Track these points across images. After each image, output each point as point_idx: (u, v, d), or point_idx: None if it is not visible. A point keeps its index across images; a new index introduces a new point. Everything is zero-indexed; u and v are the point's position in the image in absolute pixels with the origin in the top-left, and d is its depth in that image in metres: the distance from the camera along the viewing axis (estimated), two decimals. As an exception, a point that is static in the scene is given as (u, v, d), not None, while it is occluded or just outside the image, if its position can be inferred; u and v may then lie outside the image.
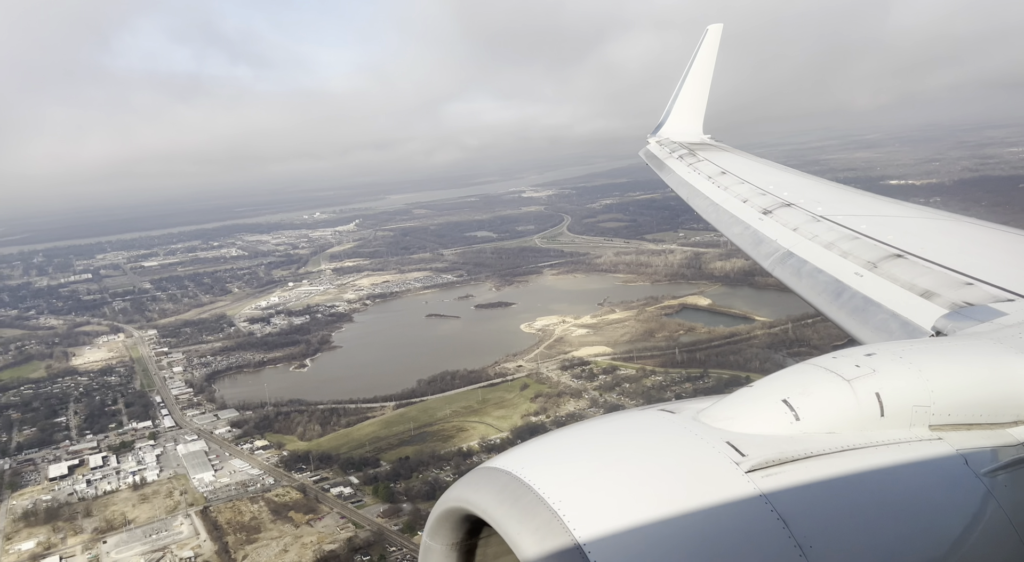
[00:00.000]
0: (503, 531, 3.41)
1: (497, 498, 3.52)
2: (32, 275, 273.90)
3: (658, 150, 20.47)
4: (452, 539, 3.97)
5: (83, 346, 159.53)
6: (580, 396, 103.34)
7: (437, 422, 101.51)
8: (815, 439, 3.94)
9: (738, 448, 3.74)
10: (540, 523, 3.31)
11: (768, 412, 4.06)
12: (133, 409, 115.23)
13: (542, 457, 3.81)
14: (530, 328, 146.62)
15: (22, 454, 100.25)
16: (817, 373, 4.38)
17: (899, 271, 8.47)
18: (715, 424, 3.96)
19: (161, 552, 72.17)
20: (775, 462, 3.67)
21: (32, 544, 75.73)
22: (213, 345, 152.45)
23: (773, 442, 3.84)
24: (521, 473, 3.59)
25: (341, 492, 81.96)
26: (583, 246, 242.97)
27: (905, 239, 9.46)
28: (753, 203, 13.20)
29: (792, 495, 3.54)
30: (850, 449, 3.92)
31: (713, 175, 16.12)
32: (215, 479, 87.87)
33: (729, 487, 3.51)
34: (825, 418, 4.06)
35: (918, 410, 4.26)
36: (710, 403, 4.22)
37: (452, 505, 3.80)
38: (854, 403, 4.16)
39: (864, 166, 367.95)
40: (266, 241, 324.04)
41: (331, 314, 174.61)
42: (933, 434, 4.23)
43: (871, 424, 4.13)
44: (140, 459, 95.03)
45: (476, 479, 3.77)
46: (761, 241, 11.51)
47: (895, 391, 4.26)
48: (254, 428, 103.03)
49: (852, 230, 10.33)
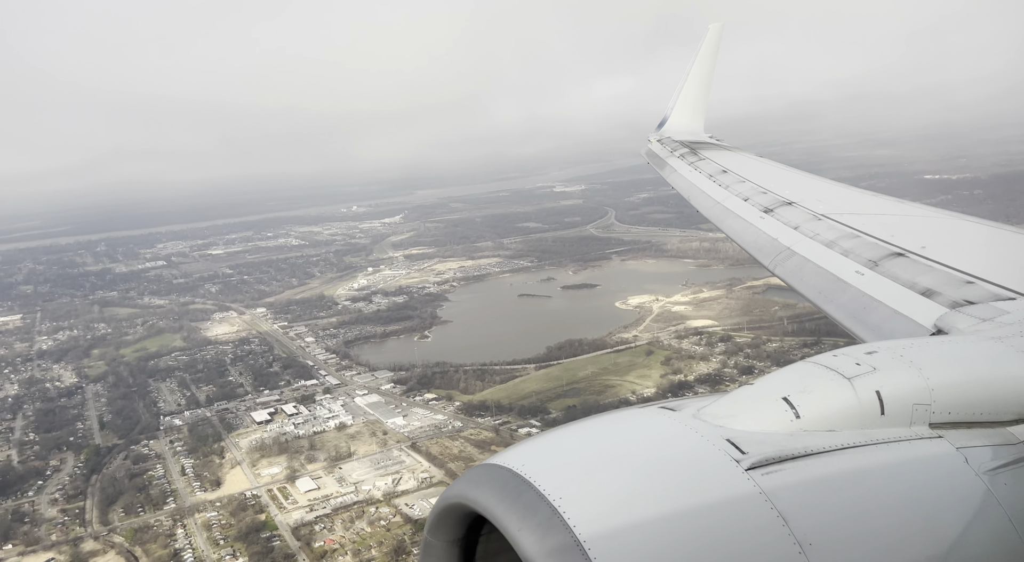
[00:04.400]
0: (504, 528, 3.44)
1: (498, 495, 3.56)
2: (105, 262, 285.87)
3: (659, 149, 20.63)
4: (453, 536, 4.01)
5: (202, 321, 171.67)
6: (708, 359, 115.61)
7: (582, 381, 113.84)
8: (815, 437, 3.97)
9: (738, 446, 3.78)
10: (541, 520, 3.35)
11: (768, 410, 4.12)
12: (292, 370, 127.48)
13: (543, 454, 3.87)
14: (625, 305, 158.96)
15: (214, 406, 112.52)
16: (817, 371, 4.46)
17: (900, 270, 8.50)
18: (715, 422, 4.01)
19: (397, 474, 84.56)
20: (775, 460, 3.71)
21: (278, 469, 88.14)
22: (328, 320, 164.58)
23: (773, 440, 3.88)
24: (522, 470, 3.63)
25: (529, 432, 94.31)
26: (641, 235, 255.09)
27: (906, 238, 9.50)
28: (754, 202, 13.30)
29: (792, 493, 3.58)
30: (850, 447, 3.95)
31: (714, 174, 16.27)
32: (407, 423, 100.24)
33: (729, 485, 3.55)
34: (825, 416, 4.11)
35: (918, 408, 4.29)
36: (710, 401, 4.27)
37: (453, 502, 3.84)
38: (854, 401, 4.20)
39: (890, 162, 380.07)
40: (319, 232, 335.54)
41: (425, 294, 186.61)
42: (933, 432, 4.25)
43: (871, 422, 4.16)
44: (328, 408, 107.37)
45: (477, 476, 3.80)
46: (762, 240, 11.59)
47: (895, 389, 4.31)
48: (417, 384, 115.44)
49: (853, 229, 10.38)
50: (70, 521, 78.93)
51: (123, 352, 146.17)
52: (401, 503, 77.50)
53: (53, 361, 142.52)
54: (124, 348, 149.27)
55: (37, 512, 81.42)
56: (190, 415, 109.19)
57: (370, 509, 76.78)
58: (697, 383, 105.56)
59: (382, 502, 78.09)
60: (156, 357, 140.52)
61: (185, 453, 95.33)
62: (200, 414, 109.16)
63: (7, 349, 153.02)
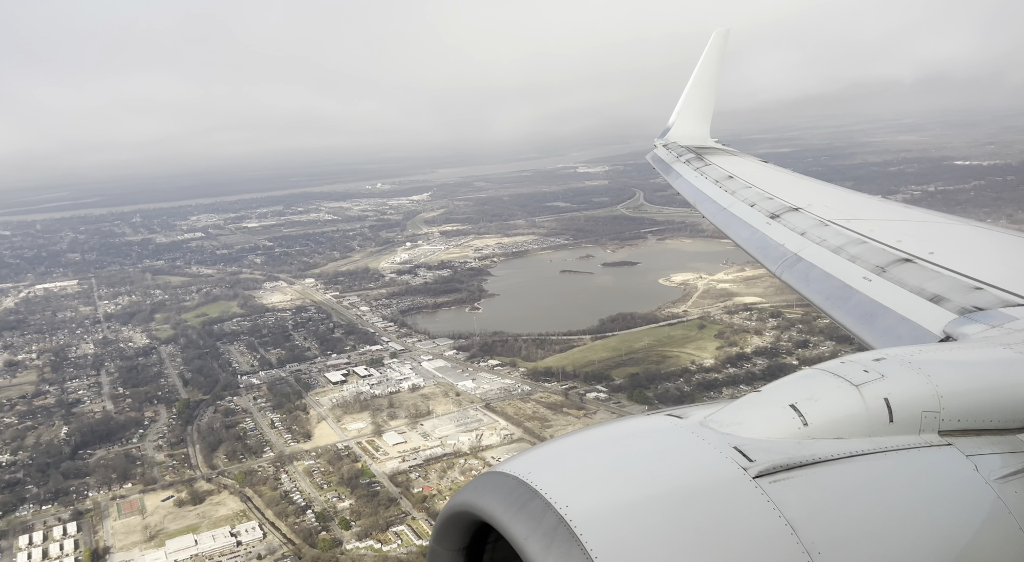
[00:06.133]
0: (510, 536, 3.43)
1: (504, 503, 3.55)
2: (144, 232, 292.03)
3: (665, 154, 20.59)
4: (459, 544, 4.01)
5: (255, 290, 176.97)
6: (761, 334, 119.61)
7: (639, 351, 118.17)
8: (823, 445, 3.94)
9: (746, 453, 3.75)
10: (547, 528, 3.33)
11: (776, 417, 4.09)
12: (355, 336, 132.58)
13: (549, 462, 3.85)
14: (669, 282, 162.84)
15: (286, 367, 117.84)
16: (825, 378, 4.43)
17: (907, 276, 8.48)
18: (722, 429, 3.98)
19: (477, 431, 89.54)
20: (783, 467, 3.68)
21: (362, 424, 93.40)
22: (378, 291, 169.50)
23: (781, 447, 3.85)
24: (528, 478, 3.62)
25: (597, 397, 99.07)
26: (673, 215, 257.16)
27: (913, 243, 9.48)
28: (760, 207, 13.28)
29: (800, 501, 3.55)
30: (858, 455, 3.92)
31: (720, 179, 16.24)
32: (476, 386, 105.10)
33: (736, 493, 3.53)
34: (833, 423, 4.08)
35: (927, 416, 4.26)
36: (717, 408, 4.24)
37: (459, 509, 3.84)
38: (863, 408, 4.18)
39: (917, 148, 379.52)
40: (348, 207, 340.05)
41: (468, 269, 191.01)
42: (942, 440, 4.22)
43: (880, 430, 4.13)
44: (399, 371, 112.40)
45: (483, 484, 3.79)
46: (769, 246, 11.58)
47: (904, 396, 4.29)
48: (479, 351, 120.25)
49: (860, 234, 10.35)
50: (178, 464, 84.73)
51: (185, 317, 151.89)
52: (487, 456, 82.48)
53: (120, 323, 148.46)
54: (185, 313, 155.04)
55: (146, 456, 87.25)
56: (265, 375, 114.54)
57: (459, 460, 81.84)
58: (755, 355, 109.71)
59: (469, 454, 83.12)
60: (218, 322, 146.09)
61: (270, 408, 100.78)
62: (275, 374, 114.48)
63: (74, 312, 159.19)
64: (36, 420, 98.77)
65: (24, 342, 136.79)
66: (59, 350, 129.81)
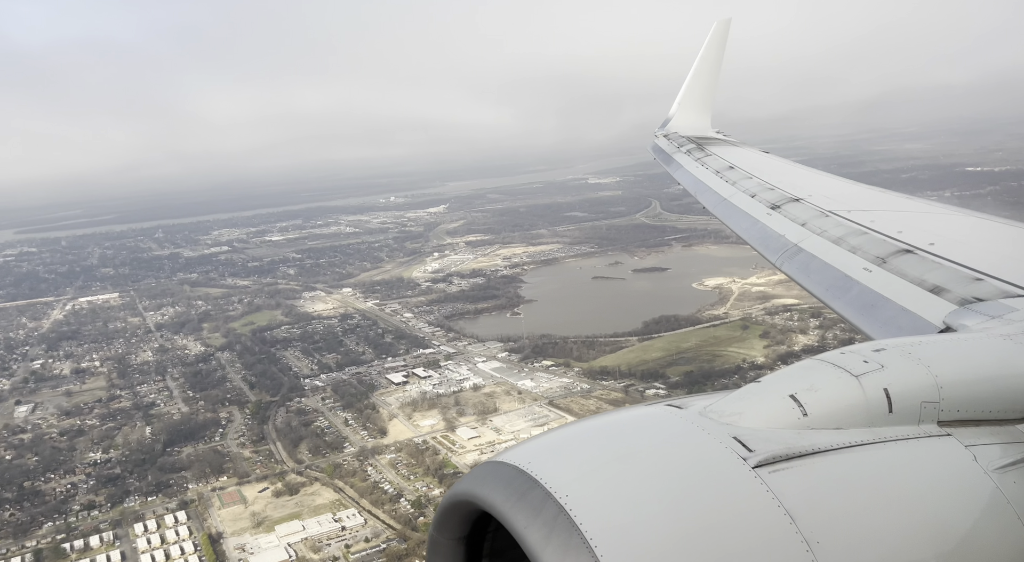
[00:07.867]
0: (510, 525, 3.46)
1: (504, 492, 3.58)
2: (170, 247, 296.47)
3: (666, 144, 20.52)
4: (459, 533, 4.04)
5: (295, 300, 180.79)
6: (806, 332, 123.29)
7: (688, 351, 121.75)
8: (822, 435, 3.97)
9: (745, 443, 3.79)
10: (548, 518, 3.37)
11: (775, 408, 4.12)
12: (405, 341, 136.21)
13: (549, 452, 3.86)
14: (703, 287, 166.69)
15: (345, 370, 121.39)
16: (825, 369, 4.45)
17: (908, 266, 8.45)
18: (722, 419, 4.01)
19: (547, 425, 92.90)
20: (782, 457, 3.70)
21: (434, 421, 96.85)
22: (417, 299, 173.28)
23: (780, 437, 3.88)
24: (528, 467, 3.65)
25: (656, 393, 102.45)
26: (694, 223, 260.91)
27: (914, 234, 9.44)
28: (761, 198, 13.26)
29: (799, 491, 3.57)
30: (858, 445, 3.95)
31: (721, 170, 16.25)
32: (536, 384, 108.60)
33: (736, 482, 3.55)
34: (833, 414, 4.11)
35: (927, 406, 4.29)
36: (717, 398, 4.24)
37: (459, 499, 3.86)
38: (862, 399, 4.20)
39: (925, 156, 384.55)
40: (367, 220, 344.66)
41: (501, 277, 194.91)
42: (942, 430, 4.24)
43: (879, 420, 4.16)
44: (457, 372, 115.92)
45: (483, 473, 3.82)
46: (769, 236, 11.60)
47: (903, 387, 4.31)
48: (531, 353, 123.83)
49: (860, 225, 10.31)
50: (265, 459, 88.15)
51: (233, 326, 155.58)
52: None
53: (171, 332, 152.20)
54: (232, 322, 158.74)
55: (231, 452, 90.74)
56: (327, 378, 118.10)
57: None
58: (804, 353, 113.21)
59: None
60: (267, 329, 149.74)
61: (340, 408, 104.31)
62: (336, 377, 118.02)
63: (124, 323, 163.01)
64: (118, 421, 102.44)
65: (84, 351, 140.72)
66: (120, 358, 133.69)
